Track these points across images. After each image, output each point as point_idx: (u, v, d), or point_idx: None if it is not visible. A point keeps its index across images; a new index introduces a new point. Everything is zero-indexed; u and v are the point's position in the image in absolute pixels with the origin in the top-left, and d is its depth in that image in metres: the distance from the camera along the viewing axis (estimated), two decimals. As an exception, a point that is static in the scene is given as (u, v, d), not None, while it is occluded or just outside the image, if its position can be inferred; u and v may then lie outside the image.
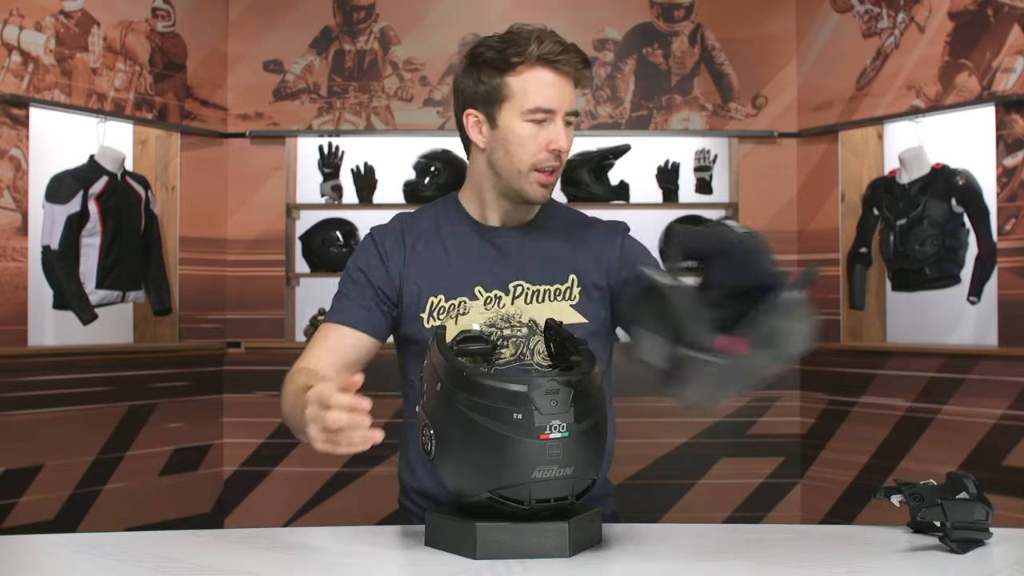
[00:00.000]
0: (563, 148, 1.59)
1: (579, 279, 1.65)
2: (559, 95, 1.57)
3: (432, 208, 1.76)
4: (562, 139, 1.58)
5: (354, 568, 1.28)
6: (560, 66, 1.56)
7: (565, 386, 1.26)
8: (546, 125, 1.58)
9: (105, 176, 3.63)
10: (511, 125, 1.59)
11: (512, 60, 1.57)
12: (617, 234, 1.72)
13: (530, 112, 1.57)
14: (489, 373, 1.30)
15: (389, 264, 1.67)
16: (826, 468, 4.00)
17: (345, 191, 4.21)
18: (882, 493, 1.36)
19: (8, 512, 3.37)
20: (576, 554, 1.30)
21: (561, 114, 1.58)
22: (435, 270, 1.66)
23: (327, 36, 4.21)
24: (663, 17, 4.22)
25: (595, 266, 1.67)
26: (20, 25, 3.47)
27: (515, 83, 1.57)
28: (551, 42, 1.57)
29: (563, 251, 1.67)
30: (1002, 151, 3.48)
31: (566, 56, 1.56)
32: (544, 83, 1.57)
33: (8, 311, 3.42)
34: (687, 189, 4.22)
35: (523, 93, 1.57)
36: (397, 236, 1.70)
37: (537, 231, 1.69)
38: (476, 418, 1.25)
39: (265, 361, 4.11)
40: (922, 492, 1.34)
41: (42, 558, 1.35)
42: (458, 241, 1.68)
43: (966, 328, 3.80)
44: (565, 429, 1.24)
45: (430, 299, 1.64)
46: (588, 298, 1.65)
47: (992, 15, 3.52)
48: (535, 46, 1.56)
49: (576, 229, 1.72)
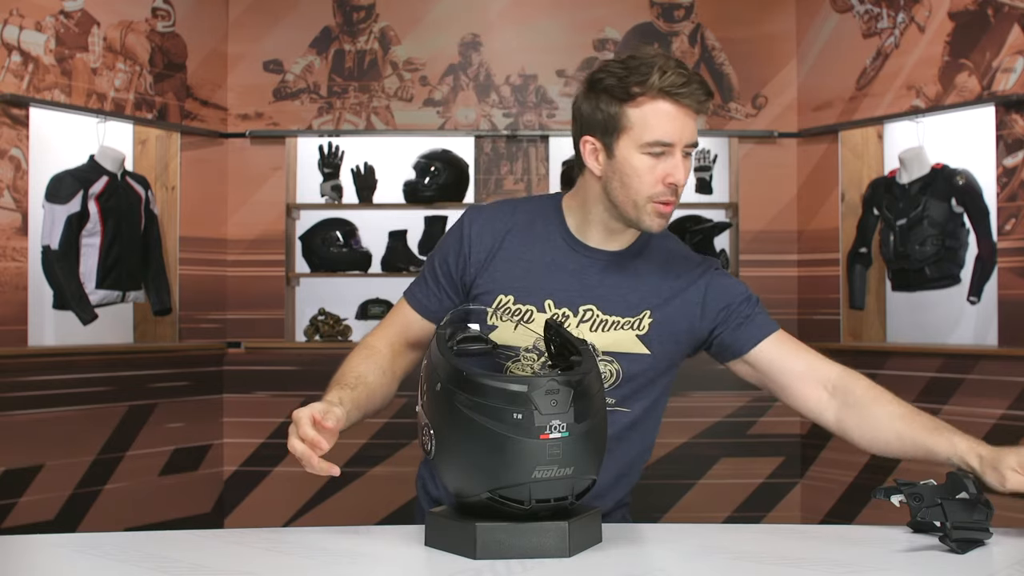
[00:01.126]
0: (680, 182, 1.54)
1: (652, 313, 1.62)
2: (679, 128, 1.52)
3: (532, 204, 1.72)
4: (679, 173, 1.53)
5: (354, 568, 1.28)
6: (682, 98, 1.50)
7: (565, 386, 1.25)
8: (664, 158, 1.53)
9: (105, 176, 3.63)
10: (629, 157, 1.54)
11: (633, 90, 1.51)
12: (705, 274, 1.67)
13: (648, 145, 1.52)
14: (489, 373, 1.29)
15: (472, 252, 1.65)
16: (826, 468, 4.00)
17: (345, 191, 4.21)
18: (882, 493, 1.36)
19: (8, 512, 3.37)
20: (576, 554, 1.30)
21: (680, 147, 1.53)
22: (516, 269, 1.63)
23: (327, 36, 4.21)
24: (663, 17, 4.22)
25: (675, 307, 1.63)
26: (20, 25, 3.47)
27: (635, 114, 1.52)
28: (674, 73, 1.50)
29: (644, 287, 1.63)
30: (1002, 151, 3.48)
31: (688, 88, 1.50)
32: (664, 116, 1.51)
33: (8, 311, 3.42)
34: (687, 189, 4.19)
35: (642, 125, 1.52)
36: (491, 224, 1.66)
37: (627, 261, 1.65)
38: (476, 418, 1.25)
39: (265, 361, 4.11)
40: (922, 492, 1.33)
41: (42, 558, 1.35)
42: (547, 248, 1.64)
43: (966, 328, 3.80)
44: (565, 429, 1.24)
45: (500, 296, 1.61)
46: (657, 333, 1.61)
47: (992, 15, 3.52)
48: (657, 77, 1.50)
49: (668, 261, 1.67)
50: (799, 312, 4.16)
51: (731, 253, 4.24)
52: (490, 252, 1.64)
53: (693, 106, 1.52)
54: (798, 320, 4.15)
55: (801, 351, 1.66)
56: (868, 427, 1.58)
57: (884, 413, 1.57)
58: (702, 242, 4.14)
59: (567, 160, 4.09)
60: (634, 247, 1.66)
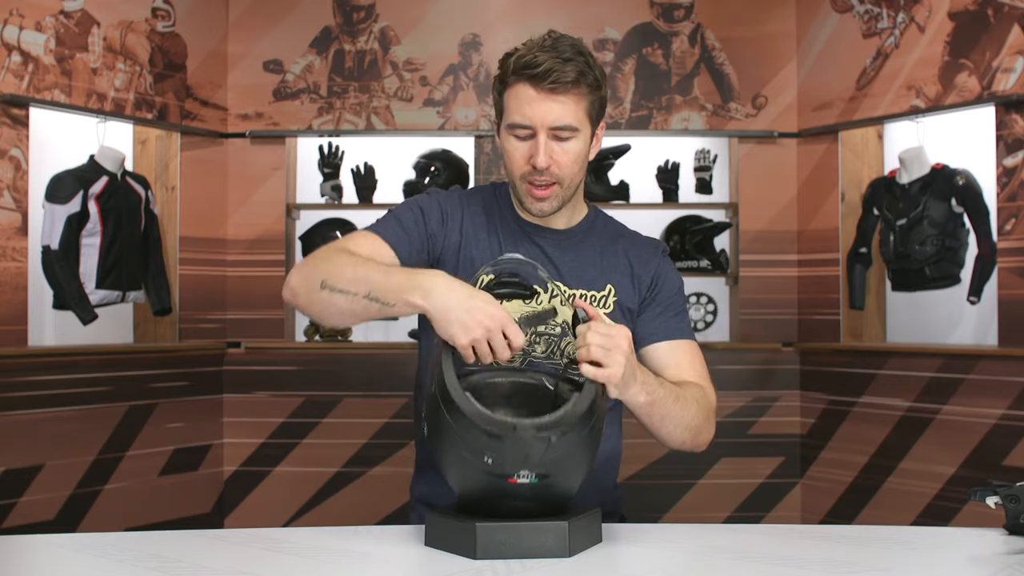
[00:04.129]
0: (540, 165, 1.53)
1: (616, 291, 1.65)
2: (537, 111, 1.52)
3: (484, 191, 1.74)
4: (540, 155, 1.53)
5: (354, 568, 1.28)
6: (536, 81, 1.51)
7: (541, 441, 1.25)
8: (531, 141, 1.55)
9: (105, 176, 3.63)
10: (504, 140, 1.59)
11: (505, 76, 1.56)
12: (655, 255, 1.70)
13: (510, 128, 1.56)
14: (470, 399, 1.28)
15: (448, 224, 1.65)
16: (826, 468, 4.00)
17: (345, 191, 4.21)
18: (977, 495, 1.33)
19: (8, 512, 3.37)
20: (576, 554, 1.30)
21: (544, 130, 1.53)
22: (488, 249, 1.64)
23: (327, 36, 4.21)
24: (663, 17, 4.22)
25: (630, 283, 1.67)
26: (20, 25, 3.47)
27: (506, 98, 1.56)
28: (531, 55, 1.51)
29: (600, 262, 1.67)
30: (1002, 151, 3.48)
31: (540, 70, 1.49)
32: (523, 99, 1.53)
33: (8, 311, 3.42)
34: (687, 189, 4.23)
35: (508, 109, 1.56)
36: (456, 203, 1.68)
37: (578, 238, 1.68)
38: (456, 434, 1.28)
39: (265, 361, 4.11)
40: (1018, 494, 1.32)
41: (42, 558, 1.35)
42: (505, 229, 1.67)
43: (966, 328, 3.80)
44: (534, 477, 1.26)
45: (482, 277, 1.60)
46: (620, 310, 1.64)
47: (992, 15, 3.52)
48: (514, 60, 1.53)
49: (616, 241, 1.70)
50: (799, 312, 4.16)
51: (731, 253, 4.24)
52: (462, 230, 1.65)
53: (549, 87, 1.51)
54: (798, 320, 4.15)
55: (689, 366, 1.63)
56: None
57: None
58: (702, 242, 4.14)
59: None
60: (583, 224, 1.69)
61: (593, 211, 1.73)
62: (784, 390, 4.12)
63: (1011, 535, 1.40)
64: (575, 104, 1.54)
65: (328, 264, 1.47)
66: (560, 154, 1.55)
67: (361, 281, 1.43)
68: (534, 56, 1.51)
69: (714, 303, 4.24)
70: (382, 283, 1.41)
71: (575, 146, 1.56)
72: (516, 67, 1.52)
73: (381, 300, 1.40)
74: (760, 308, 4.16)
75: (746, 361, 4.13)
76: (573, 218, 1.69)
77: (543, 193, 1.58)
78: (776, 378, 4.13)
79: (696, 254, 4.14)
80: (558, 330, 1.61)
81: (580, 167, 1.59)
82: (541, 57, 1.50)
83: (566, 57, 1.51)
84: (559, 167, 1.56)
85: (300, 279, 1.49)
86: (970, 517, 3.36)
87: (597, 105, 1.58)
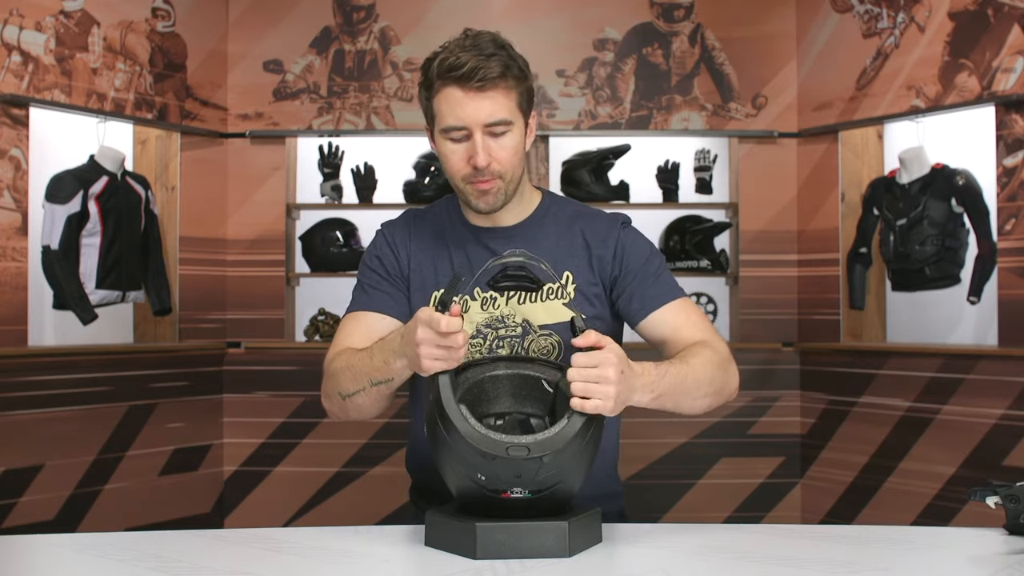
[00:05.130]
0: (480, 164, 1.54)
1: (574, 277, 1.64)
2: (469, 111, 1.52)
3: (438, 206, 1.75)
4: (479, 154, 1.53)
5: (354, 568, 1.28)
6: (462, 81, 1.51)
7: (534, 461, 1.25)
8: (467, 141, 1.55)
9: (105, 176, 3.63)
10: (439, 144, 1.59)
11: (431, 82, 1.56)
12: (614, 229, 1.67)
13: (445, 132, 1.56)
14: (465, 417, 1.28)
15: (400, 255, 1.68)
16: (826, 468, 4.00)
17: (345, 191, 4.21)
18: (977, 495, 1.33)
19: (8, 512, 3.37)
20: (576, 554, 1.30)
21: (479, 129, 1.53)
22: (439, 266, 1.66)
23: (327, 36, 4.21)
24: (663, 17, 4.22)
25: (588, 266, 1.65)
26: (20, 25, 3.47)
27: (436, 103, 1.56)
28: (452, 57, 1.51)
29: (555, 251, 1.65)
30: (1002, 151, 3.48)
31: (463, 70, 1.50)
32: (452, 101, 1.53)
33: (8, 311, 3.42)
34: (687, 189, 4.23)
35: (439, 113, 1.56)
36: (405, 231, 1.70)
37: (531, 230, 1.67)
38: (451, 448, 1.29)
39: (265, 361, 4.11)
40: (1018, 494, 1.31)
41: (42, 558, 1.35)
42: (456, 240, 1.68)
43: (966, 328, 3.80)
44: (527, 492, 1.27)
45: (434, 294, 1.64)
46: (583, 296, 1.64)
47: (992, 15, 3.52)
48: (436, 65, 1.53)
49: (573, 224, 1.68)
50: (799, 312, 4.16)
51: (731, 253, 4.24)
52: (410, 255, 1.68)
53: (476, 86, 1.51)
54: (798, 320, 4.15)
55: (686, 326, 1.62)
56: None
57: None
58: (702, 242, 4.14)
59: (567, 160, 4.09)
60: (536, 215, 1.69)
61: (547, 198, 1.72)
62: (784, 390, 4.12)
63: (1011, 535, 1.40)
64: (505, 98, 1.54)
65: (336, 377, 1.57)
66: (498, 150, 1.55)
67: (361, 376, 1.52)
68: (456, 57, 1.51)
69: (714, 303, 4.24)
70: (371, 368, 1.50)
71: (511, 140, 1.56)
72: (440, 71, 1.52)
73: (382, 380, 1.49)
74: (760, 308, 4.16)
75: (746, 361, 4.11)
76: (523, 212, 1.68)
77: (486, 185, 1.57)
78: (776, 378, 4.13)
79: (696, 254, 4.13)
80: (519, 331, 1.61)
81: (519, 159, 1.60)
82: (464, 57, 1.51)
83: (488, 53, 1.52)
84: (499, 163, 1.56)
85: (330, 404, 1.62)
86: (970, 517, 3.36)
87: (526, 96, 1.58)
